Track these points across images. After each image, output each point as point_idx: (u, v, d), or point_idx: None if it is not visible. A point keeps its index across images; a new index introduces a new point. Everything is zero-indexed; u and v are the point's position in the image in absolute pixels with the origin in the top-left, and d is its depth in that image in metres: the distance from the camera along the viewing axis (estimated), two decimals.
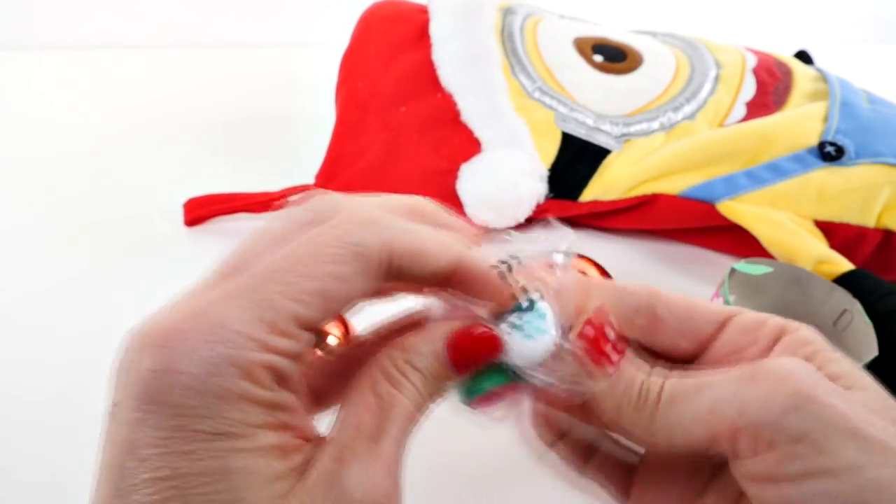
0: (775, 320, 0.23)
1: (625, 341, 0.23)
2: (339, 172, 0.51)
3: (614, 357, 0.22)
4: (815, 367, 0.21)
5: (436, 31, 0.55)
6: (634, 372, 0.22)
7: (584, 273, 0.43)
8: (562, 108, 0.53)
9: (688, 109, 0.53)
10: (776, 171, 0.48)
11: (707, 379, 0.21)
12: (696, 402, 0.20)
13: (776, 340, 0.22)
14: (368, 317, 0.27)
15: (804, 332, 0.22)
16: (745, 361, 0.21)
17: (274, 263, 0.19)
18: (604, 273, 0.43)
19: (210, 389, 0.17)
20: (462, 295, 0.23)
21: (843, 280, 0.42)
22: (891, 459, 0.18)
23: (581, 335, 0.22)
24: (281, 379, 0.18)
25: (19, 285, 0.47)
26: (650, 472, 0.25)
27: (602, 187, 0.50)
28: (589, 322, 0.22)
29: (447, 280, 0.22)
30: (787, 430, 0.18)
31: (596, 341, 0.22)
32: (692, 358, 0.24)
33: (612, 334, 0.22)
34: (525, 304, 0.23)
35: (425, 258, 0.21)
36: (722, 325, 0.24)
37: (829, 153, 0.48)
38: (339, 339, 0.39)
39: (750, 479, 0.19)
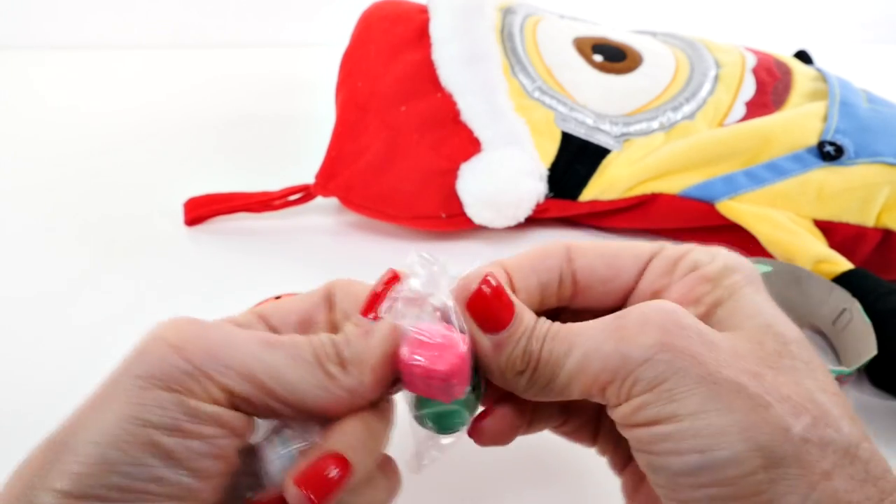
0: (690, 256, 0.23)
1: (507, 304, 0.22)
2: (339, 172, 0.51)
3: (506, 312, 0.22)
4: (694, 302, 0.22)
5: (436, 30, 0.55)
6: (517, 335, 0.22)
7: None
8: (561, 108, 0.53)
9: (687, 109, 0.53)
10: (776, 170, 0.48)
11: (578, 336, 0.21)
12: (568, 362, 0.21)
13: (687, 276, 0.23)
14: None
15: (711, 267, 0.23)
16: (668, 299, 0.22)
17: None
18: None
19: None
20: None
21: (842, 279, 0.42)
22: (736, 405, 0.19)
23: (468, 301, 0.22)
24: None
25: (19, 285, 0.47)
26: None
27: (602, 187, 0.50)
28: (479, 283, 0.22)
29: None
30: (642, 380, 0.19)
31: (493, 295, 0.22)
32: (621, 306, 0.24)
33: (494, 291, 0.22)
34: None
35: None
36: (642, 269, 0.24)
37: (829, 153, 0.48)
38: None
39: (618, 424, 0.21)
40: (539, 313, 0.23)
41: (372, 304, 0.22)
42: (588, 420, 0.26)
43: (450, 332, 0.22)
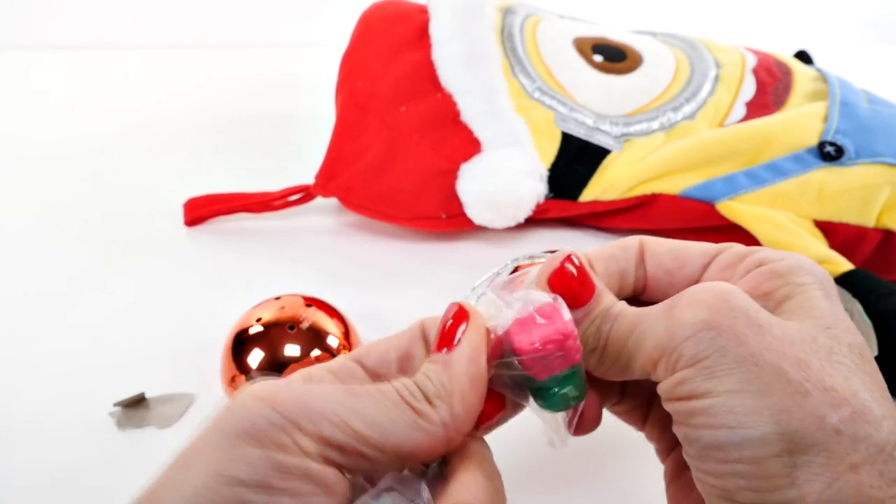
0: (759, 254, 0.24)
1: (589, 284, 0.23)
2: (339, 172, 0.51)
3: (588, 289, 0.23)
4: (763, 296, 0.22)
5: (436, 31, 0.55)
6: (595, 313, 0.23)
7: None
8: (562, 108, 0.53)
9: (687, 109, 0.53)
10: (776, 170, 0.48)
11: (639, 316, 0.22)
12: (629, 341, 0.22)
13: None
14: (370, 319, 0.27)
15: (780, 264, 0.23)
16: None
17: None
18: None
19: None
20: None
21: (842, 280, 0.42)
22: (774, 388, 0.19)
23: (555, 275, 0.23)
24: None
25: (19, 285, 0.47)
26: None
27: (602, 187, 0.50)
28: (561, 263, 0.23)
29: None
30: (685, 355, 0.20)
31: (558, 277, 0.23)
32: None
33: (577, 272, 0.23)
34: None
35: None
36: (707, 264, 0.24)
37: (829, 153, 0.48)
38: (339, 339, 0.39)
39: (662, 399, 0.22)
40: None
41: (444, 340, 0.22)
42: (641, 403, 0.27)
43: (540, 307, 0.22)
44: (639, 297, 0.26)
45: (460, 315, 0.22)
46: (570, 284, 0.23)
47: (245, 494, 0.18)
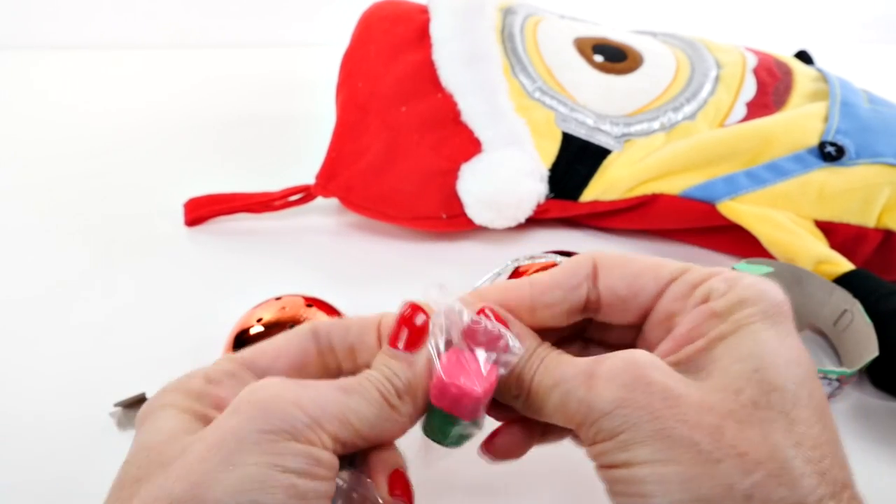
0: (707, 284, 0.24)
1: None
2: (339, 172, 0.51)
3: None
4: (698, 337, 0.22)
5: (436, 31, 0.55)
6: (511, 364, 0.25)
7: None
8: (562, 108, 0.53)
9: (688, 109, 0.53)
10: (776, 171, 0.48)
11: (562, 374, 0.24)
12: (551, 398, 0.24)
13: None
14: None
15: (725, 300, 0.23)
16: (677, 331, 0.24)
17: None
18: None
19: None
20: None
21: (843, 280, 0.42)
22: (684, 458, 0.20)
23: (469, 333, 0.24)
24: None
25: (19, 285, 0.47)
26: None
27: (602, 187, 0.50)
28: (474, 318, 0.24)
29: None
30: (604, 429, 0.22)
31: (468, 334, 0.24)
32: (640, 324, 0.26)
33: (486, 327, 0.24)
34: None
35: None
36: (661, 292, 0.25)
37: (830, 153, 0.48)
38: None
39: (589, 456, 0.23)
40: (567, 325, 0.26)
41: (397, 334, 0.24)
42: (566, 431, 0.27)
43: (480, 360, 0.24)
44: (594, 317, 0.26)
45: (418, 312, 0.25)
46: (480, 340, 0.24)
47: (294, 480, 0.21)
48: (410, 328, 0.24)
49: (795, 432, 0.20)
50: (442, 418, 0.24)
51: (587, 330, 0.28)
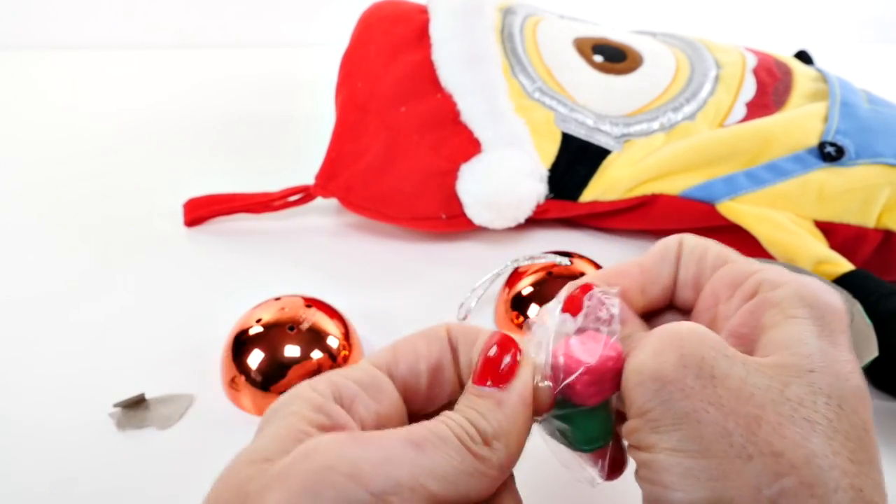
0: (755, 278, 0.23)
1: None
2: (339, 172, 0.51)
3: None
4: (742, 323, 0.21)
5: (436, 31, 0.55)
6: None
7: (583, 274, 0.43)
8: (562, 109, 0.53)
9: (688, 110, 0.53)
10: (776, 171, 0.48)
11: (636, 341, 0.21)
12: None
13: (751, 297, 0.22)
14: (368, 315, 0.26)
15: (775, 294, 0.21)
16: (715, 318, 0.23)
17: None
18: None
19: None
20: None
21: (843, 280, 0.42)
22: (714, 449, 0.18)
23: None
24: None
25: (19, 285, 0.47)
26: None
27: (602, 187, 0.50)
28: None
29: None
30: (635, 404, 0.20)
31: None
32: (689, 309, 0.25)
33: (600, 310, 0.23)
34: None
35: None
36: (715, 269, 0.24)
37: (830, 153, 0.47)
38: (339, 339, 0.39)
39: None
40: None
41: (494, 374, 0.21)
42: None
43: (601, 335, 0.22)
44: (673, 301, 0.26)
45: (509, 346, 0.21)
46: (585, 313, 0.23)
47: None
48: (499, 361, 0.21)
49: (837, 442, 0.18)
50: (585, 414, 0.22)
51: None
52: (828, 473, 0.18)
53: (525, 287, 0.43)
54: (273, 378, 0.37)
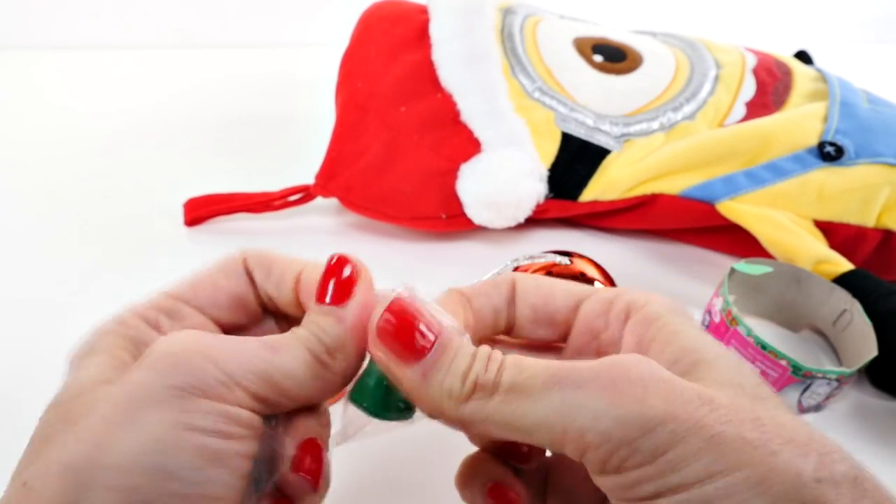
0: (623, 299, 0.24)
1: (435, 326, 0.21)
2: (339, 172, 0.51)
3: (424, 338, 0.21)
4: (661, 349, 0.21)
5: (436, 31, 0.55)
6: (459, 358, 0.20)
7: (583, 273, 0.43)
8: (562, 108, 0.53)
9: (687, 109, 0.53)
10: (776, 171, 0.48)
11: (559, 372, 0.19)
12: (541, 404, 0.19)
13: (626, 321, 0.23)
14: None
15: (649, 309, 0.23)
16: (602, 348, 0.23)
17: None
18: (604, 273, 0.43)
19: None
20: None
21: (842, 280, 0.42)
22: (744, 460, 0.17)
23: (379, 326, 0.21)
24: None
25: (19, 285, 0.47)
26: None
27: (602, 187, 0.50)
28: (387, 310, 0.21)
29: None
30: (641, 451, 0.18)
31: (400, 323, 0.21)
32: (558, 347, 0.25)
33: (421, 313, 0.21)
34: None
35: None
36: (575, 307, 0.25)
37: (829, 153, 0.48)
38: None
39: (609, 495, 0.19)
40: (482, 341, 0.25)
41: (325, 288, 0.23)
42: (537, 475, 0.25)
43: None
44: (503, 337, 0.26)
45: (345, 262, 0.23)
46: (399, 337, 0.21)
47: (202, 439, 0.19)
48: (338, 280, 0.23)
49: (782, 405, 0.20)
50: (378, 375, 0.22)
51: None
52: (824, 439, 0.19)
53: None
54: None
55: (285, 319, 0.26)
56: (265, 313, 0.26)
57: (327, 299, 0.23)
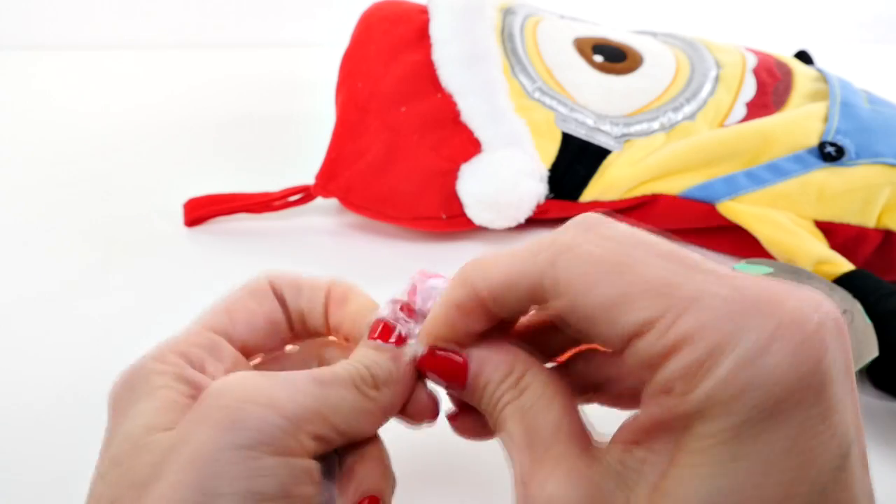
0: (673, 366, 0.18)
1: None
2: (339, 172, 0.51)
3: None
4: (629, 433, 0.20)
5: (436, 31, 0.55)
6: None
7: None
8: (562, 109, 0.53)
9: (688, 110, 0.53)
10: (776, 171, 0.48)
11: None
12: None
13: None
14: None
15: (687, 404, 0.17)
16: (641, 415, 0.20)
17: None
18: None
19: None
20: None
21: (843, 280, 0.42)
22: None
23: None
24: None
25: (19, 286, 0.47)
26: None
27: (602, 187, 0.50)
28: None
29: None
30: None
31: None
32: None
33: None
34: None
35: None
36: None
37: (830, 153, 0.48)
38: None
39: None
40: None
41: (376, 330, 0.24)
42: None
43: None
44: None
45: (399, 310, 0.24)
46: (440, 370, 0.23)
47: None
48: (378, 322, 0.24)
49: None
50: None
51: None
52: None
53: None
54: None
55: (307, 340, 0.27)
56: (292, 334, 0.27)
57: (391, 339, 0.23)
